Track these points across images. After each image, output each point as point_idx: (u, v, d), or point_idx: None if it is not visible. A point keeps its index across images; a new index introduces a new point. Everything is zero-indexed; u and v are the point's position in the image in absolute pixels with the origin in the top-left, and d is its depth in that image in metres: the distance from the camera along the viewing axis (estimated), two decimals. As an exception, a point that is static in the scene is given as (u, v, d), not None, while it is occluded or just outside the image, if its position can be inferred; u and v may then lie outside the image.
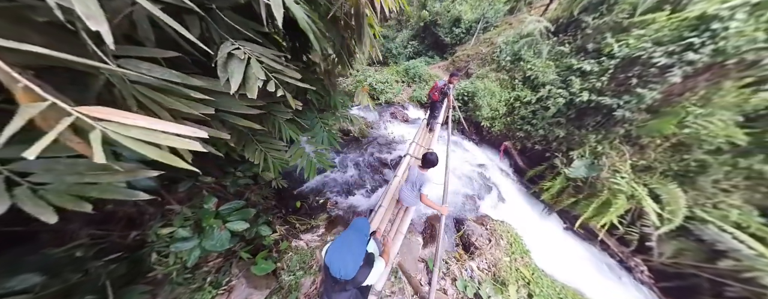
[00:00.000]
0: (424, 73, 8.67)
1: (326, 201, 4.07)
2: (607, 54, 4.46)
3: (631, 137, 4.33)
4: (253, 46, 1.03)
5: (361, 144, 5.75)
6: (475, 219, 3.96)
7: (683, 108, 3.53)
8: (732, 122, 3.49)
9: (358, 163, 5.19)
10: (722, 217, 3.59)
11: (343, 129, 5.57)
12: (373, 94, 7.75)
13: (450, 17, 9.62)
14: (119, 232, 1.87)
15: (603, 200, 4.13)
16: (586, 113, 4.56)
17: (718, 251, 3.44)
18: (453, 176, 4.93)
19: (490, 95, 6.14)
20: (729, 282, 3.33)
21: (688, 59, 3.07)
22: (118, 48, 0.73)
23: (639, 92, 3.54)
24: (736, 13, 2.76)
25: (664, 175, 4.14)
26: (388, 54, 11.69)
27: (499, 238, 3.47)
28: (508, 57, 6.42)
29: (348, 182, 4.64)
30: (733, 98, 3.55)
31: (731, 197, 3.58)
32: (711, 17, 2.88)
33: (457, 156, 5.86)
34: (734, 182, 3.49)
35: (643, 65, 3.53)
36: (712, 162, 3.67)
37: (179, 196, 2.07)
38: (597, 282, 3.88)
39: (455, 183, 4.92)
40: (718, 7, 2.81)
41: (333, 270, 1.01)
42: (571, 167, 4.30)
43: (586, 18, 5.39)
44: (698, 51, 3.00)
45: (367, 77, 8.23)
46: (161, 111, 0.86)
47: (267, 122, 1.67)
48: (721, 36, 2.89)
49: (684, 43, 3.07)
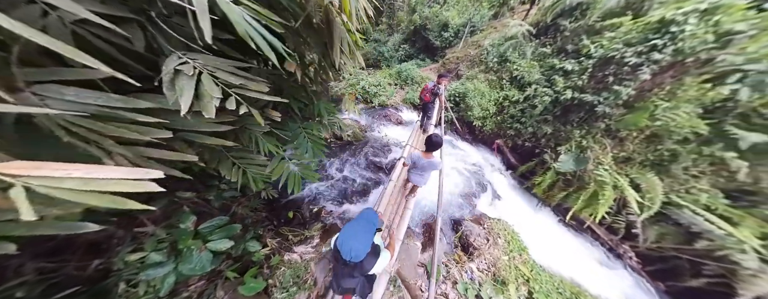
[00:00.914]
0: (416, 75, 8.89)
1: (321, 210, 3.95)
2: (585, 54, 4.82)
3: (612, 130, 4.67)
4: (206, 59, 0.90)
5: (355, 148, 5.76)
6: (473, 219, 4.04)
7: (652, 103, 3.87)
8: (694, 114, 3.88)
9: (354, 168, 5.18)
10: (694, 201, 3.93)
11: (336, 134, 5.59)
12: (367, 97, 7.82)
13: (439, 22, 9.97)
14: (77, 262, 1.58)
15: (591, 192, 4.42)
16: (571, 110, 4.87)
17: (694, 233, 3.73)
18: (448, 177, 5.04)
19: (480, 96, 6.41)
20: (706, 261, 3.57)
21: (654, 58, 3.41)
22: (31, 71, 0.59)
23: (616, 89, 3.85)
24: (689, 18, 3.12)
25: (642, 165, 4.50)
26: (380, 57, 11.87)
27: (496, 237, 3.55)
28: (495, 58, 6.74)
29: (343, 188, 4.59)
30: (693, 92, 3.96)
31: (700, 182, 3.88)
32: (669, 21, 3.23)
33: (451, 156, 6.01)
34: (701, 168, 3.86)
35: (616, 64, 3.87)
36: (681, 151, 4.04)
37: (154, 215, 1.84)
38: (593, 272, 4.05)
39: (451, 183, 5.02)
40: (674, 13, 3.18)
41: (343, 253, 1.04)
42: (559, 162, 4.56)
43: (564, 22, 5.80)
44: (662, 51, 3.34)
45: (359, 80, 8.31)
46: (103, 139, 0.74)
47: (243, 137, 1.52)
48: (679, 38, 3.24)
49: (649, 44, 3.41)
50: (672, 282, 3.90)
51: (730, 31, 3.16)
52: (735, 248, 3.28)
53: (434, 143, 1.99)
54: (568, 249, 4.39)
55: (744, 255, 3.32)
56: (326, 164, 5.11)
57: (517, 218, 4.55)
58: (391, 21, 13.75)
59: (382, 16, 14.18)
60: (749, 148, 3.49)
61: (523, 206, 5.16)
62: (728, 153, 3.72)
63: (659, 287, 3.99)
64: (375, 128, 6.68)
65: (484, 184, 5.41)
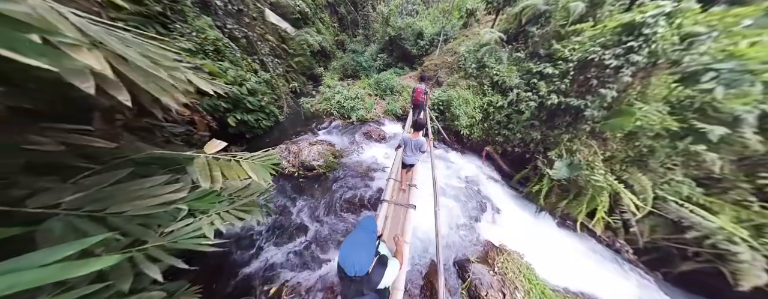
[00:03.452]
0: (396, 84, 8.61)
1: (281, 288, 2.79)
2: (560, 58, 4.93)
3: (595, 132, 4.80)
4: None
5: (328, 182, 4.67)
6: (480, 258, 3.52)
7: (636, 107, 3.98)
8: (665, 112, 4.10)
9: (328, 209, 4.06)
10: (675, 192, 4.21)
11: (306, 165, 4.83)
12: (343, 112, 7.22)
13: (413, 31, 10.04)
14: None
15: (589, 197, 4.41)
16: (557, 115, 4.87)
17: (681, 224, 3.89)
18: (444, 207, 4.48)
19: (464, 103, 6.26)
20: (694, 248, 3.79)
21: (633, 60, 3.46)
22: None
23: (602, 92, 3.86)
24: (659, 20, 3.23)
25: (623, 162, 4.67)
26: (359, 67, 11.58)
27: (513, 289, 2.93)
28: (473, 64, 6.75)
29: (311, 245, 3.39)
30: (661, 91, 4.23)
31: (675, 174, 4.28)
32: (640, 24, 3.33)
33: (443, 171, 5.60)
34: (674, 160, 4.21)
35: (597, 67, 3.91)
36: (657, 146, 4.31)
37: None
38: (602, 276, 4.01)
39: (448, 213, 4.43)
40: (642, 16, 3.29)
41: (347, 269, 0.96)
42: (553, 169, 4.48)
43: (531, 28, 6.03)
44: (638, 53, 3.41)
45: (335, 94, 7.71)
46: None
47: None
48: (652, 40, 3.34)
49: (626, 46, 3.47)
50: (666, 269, 4.09)
51: (691, 33, 3.37)
52: (720, 237, 3.36)
53: (420, 124, 2.55)
54: (572, 253, 4.35)
55: (734, 245, 3.41)
56: (290, 209, 3.98)
57: (519, 230, 4.45)
58: (368, 32, 13.80)
59: (359, 27, 14.23)
60: (718, 140, 3.71)
61: (522, 215, 5.15)
62: (699, 146, 3.96)
63: (658, 276, 4.13)
64: (353, 150, 5.88)
65: (483, 203, 5.03)
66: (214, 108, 4.58)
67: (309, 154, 5.05)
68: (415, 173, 3.08)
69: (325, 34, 12.91)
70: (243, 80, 5.45)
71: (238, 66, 5.78)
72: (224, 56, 5.52)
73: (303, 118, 7.42)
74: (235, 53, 5.85)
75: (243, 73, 5.65)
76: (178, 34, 4.60)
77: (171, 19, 4.62)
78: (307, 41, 10.89)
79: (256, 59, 7.09)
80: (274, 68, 7.57)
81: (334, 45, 13.68)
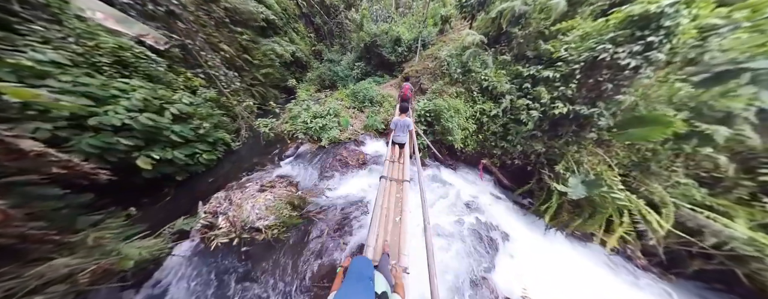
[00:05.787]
0: (376, 94, 7.73)
1: None
2: (559, 59, 4.38)
3: (602, 140, 4.29)
4: None
5: (285, 247, 3.04)
6: None
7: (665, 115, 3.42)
8: (672, 114, 3.66)
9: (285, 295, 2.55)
10: (683, 195, 3.92)
11: (249, 226, 3.23)
12: (312, 134, 5.84)
13: (390, 37, 9.43)
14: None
15: (606, 215, 3.85)
16: (560, 123, 4.25)
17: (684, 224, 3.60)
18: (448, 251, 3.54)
19: (455, 113, 5.49)
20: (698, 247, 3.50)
21: (654, 59, 2.86)
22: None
23: (618, 99, 3.23)
24: (679, 9, 2.68)
25: (627, 167, 4.32)
26: (336, 77, 10.65)
27: None
28: (458, 69, 6.12)
29: None
30: (664, 91, 3.83)
31: (677, 175, 4.04)
32: (656, 15, 2.76)
33: (438, 200, 4.61)
34: (675, 161, 4.07)
35: (609, 68, 3.30)
36: (660, 150, 4.07)
37: None
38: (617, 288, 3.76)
39: (451, 258, 3.43)
40: (659, 4, 2.72)
41: None
42: (568, 187, 3.80)
43: (513, 29, 5.56)
44: (660, 50, 2.83)
45: (302, 111, 6.30)
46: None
47: None
48: (674, 33, 2.78)
49: (644, 42, 2.87)
50: (678, 270, 3.92)
51: (708, 25, 2.88)
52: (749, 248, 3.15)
53: (405, 108, 3.91)
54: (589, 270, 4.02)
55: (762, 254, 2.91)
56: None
57: (535, 259, 3.98)
58: (343, 40, 13.08)
59: (334, 37, 13.53)
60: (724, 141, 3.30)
61: (533, 236, 4.53)
62: (706, 149, 3.57)
63: (671, 280, 3.96)
64: (323, 189, 4.24)
65: (493, 238, 4.09)
66: (104, 149, 3.01)
67: (253, 208, 3.40)
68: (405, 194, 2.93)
69: (300, 45, 11.88)
70: (166, 102, 3.98)
71: (162, 84, 4.42)
72: (136, 71, 4.12)
73: (263, 144, 5.90)
74: (156, 67, 4.44)
75: (167, 93, 4.21)
76: (38, 38, 3.08)
77: (23, 17, 3.05)
78: (276, 51, 9.77)
79: (200, 73, 5.79)
80: (228, 83, 6.29)
81: (311, 55, 12.66)
